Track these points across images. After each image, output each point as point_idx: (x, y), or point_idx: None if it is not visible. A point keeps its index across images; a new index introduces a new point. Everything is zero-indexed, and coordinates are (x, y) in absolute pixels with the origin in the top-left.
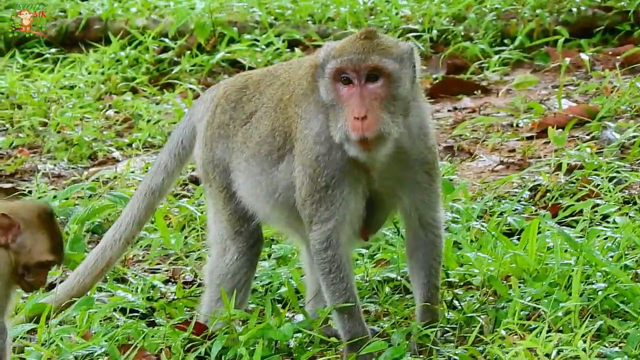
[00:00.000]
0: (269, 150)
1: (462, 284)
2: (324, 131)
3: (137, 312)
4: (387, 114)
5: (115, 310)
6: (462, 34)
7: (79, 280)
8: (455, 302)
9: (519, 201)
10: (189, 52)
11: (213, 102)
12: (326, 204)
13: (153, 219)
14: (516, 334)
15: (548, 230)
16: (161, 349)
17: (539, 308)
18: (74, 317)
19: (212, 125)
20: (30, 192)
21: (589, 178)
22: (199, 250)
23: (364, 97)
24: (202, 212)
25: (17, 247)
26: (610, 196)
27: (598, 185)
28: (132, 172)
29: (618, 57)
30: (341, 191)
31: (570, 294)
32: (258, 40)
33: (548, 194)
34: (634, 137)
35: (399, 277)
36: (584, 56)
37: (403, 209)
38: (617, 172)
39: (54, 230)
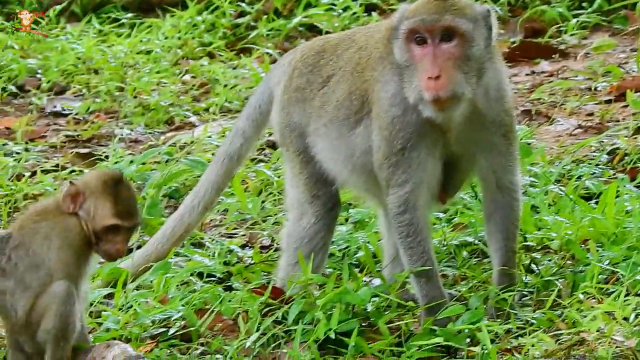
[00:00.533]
0: (347, 114)
1: (539, 247)
2: (399, 93)
3: (214, 276)
4: (460, 74)
5: (192, 274)
6: None
7: (157, 245)
8: (533, 266)
9: (597, 165)
10: (265, 16)
11: (290, 65)
12: (403, 167)
13: (230, 184)
14: (594, 298)
15: (626, 193)
16: (238, 314)
17: (617, 272)
18: (151, 281)
19: (289, 89)
20: (107, 157)
21: None
22: (276, 214)
23: (438, 57)
24: (279, 177)
25: (84, 214)
26: None
27: None
28: (209, 136)
29: None
30: (418, 154)
31: None
32: (335, 5)
33: (626, 157)
34: None
35: (476, 241)
36: None
37: (480, 172)
38: None
39: (118, 195)
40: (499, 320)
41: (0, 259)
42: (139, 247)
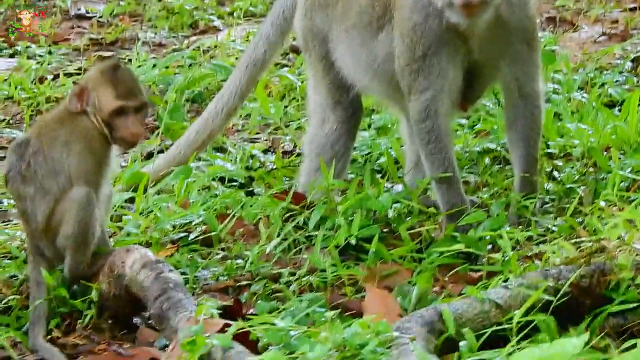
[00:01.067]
0: (369, 21)
1: (562, 155)
2: None
3: (236, 181)
4: None
5: (213, 179)
6: None
7: (180, 150)
8: (555, 174)
9: (621, 72)
10: None
11: None
12: (424, 74)
13: (253, 89)
14: (615, 206)
15: None
16: (259, 219)
17: (639, 179)
18: (173, 186)
19: None
20: (130, 60)
21: None
22: (298, 119)
23: None
24: (302, 82)
25: (91, 109)
26: None
27: None
28: (233, 41)
29: None
30: (439, 61)
31: None
32: None
33: None
34: None
35: (498, 148)
36: None
37: (502, 80)
38: None
39: (117, 79)
40: (520, 227)
41: (20, 165)
42: (160, 152)
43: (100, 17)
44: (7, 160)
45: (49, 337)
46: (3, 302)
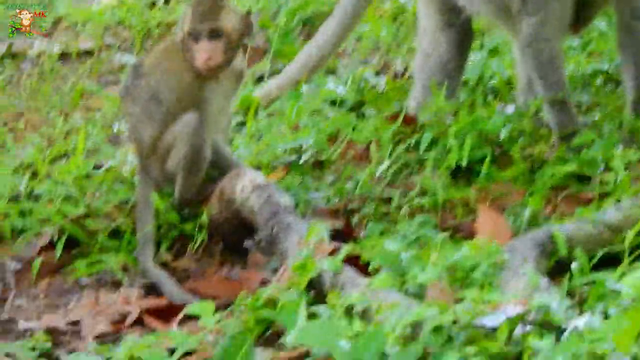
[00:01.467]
0: None
1: None
2: None
3: (347, 104)
4: None
5: (324, 102)
6: None
7: (290, 75)
8: None
9: None
10: None
11: None
12: None
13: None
14: None
15: None
16: (370, 141)
17: None
18: (283, 110)
19: None
20: None
21: None
22: (410, 41)
23: None
24: (413, 3)
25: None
26: None
27: None
28: None
29: None
30: None
31: None
32: None
33: None
34: None
35: (611, 69)
36: None
37: (615, 2)
38: None
39: (198, 3)
40: (633, 147)
41: (132, 85)
42: (271, 75)
43: None
44: (125, 79)
45: (160, 261)
46: (114, 225)
